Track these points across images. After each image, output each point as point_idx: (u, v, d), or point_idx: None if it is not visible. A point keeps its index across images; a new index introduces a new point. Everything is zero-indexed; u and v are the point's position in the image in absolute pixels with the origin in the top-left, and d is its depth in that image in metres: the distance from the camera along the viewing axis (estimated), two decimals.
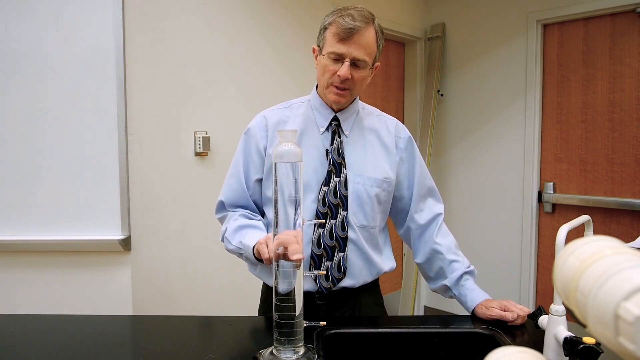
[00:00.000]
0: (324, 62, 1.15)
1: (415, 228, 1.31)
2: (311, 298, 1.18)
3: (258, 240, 1.03)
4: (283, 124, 1.23)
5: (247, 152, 1.24)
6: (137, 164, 1.89)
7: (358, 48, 1.11)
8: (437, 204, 1.33)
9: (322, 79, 1.18)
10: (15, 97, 1.78)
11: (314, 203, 1.18)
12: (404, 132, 1.30)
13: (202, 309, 2.04)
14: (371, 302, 1.29)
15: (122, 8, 1.80)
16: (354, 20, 1.10)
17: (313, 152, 1.20)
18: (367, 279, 1.24)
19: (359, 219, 1.20)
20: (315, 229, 1.17)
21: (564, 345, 0.84)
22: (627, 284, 0.34)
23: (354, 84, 1.15)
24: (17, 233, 1.81)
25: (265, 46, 2.30)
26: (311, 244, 1.17)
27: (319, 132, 1.21)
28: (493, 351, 0.47)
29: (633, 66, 2.54)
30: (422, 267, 1.34)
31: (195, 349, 1.02)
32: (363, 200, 1.20)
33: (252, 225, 1.17)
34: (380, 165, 1.23)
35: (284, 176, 0.91)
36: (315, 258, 1.17)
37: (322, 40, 1.17)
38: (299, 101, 1.28)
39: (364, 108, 1.29)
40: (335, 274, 1.18)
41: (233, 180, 1.25)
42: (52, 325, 1.18)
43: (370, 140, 1.25)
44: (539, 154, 2.92)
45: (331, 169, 1.18)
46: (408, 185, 1.29)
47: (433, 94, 3.23)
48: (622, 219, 2.61)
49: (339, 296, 1.21)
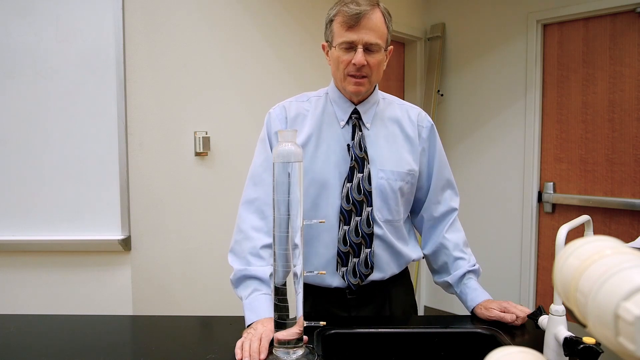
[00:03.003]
0: (336, 54, 1.12)
1: (428, 219, 1.30)
2: (342, 294, 1.18)
3: (248, 330, 1.03)
4: (302, 117, 1.20)
5: (270, 138, 1.19)
6: (137, 164, 1.89)
7: (368, 32, 1.08)
8: (454, 197, 1.32)
9: (338, 73, 1.15)
10: (15, 97, 1.78)
11: (337, 200, 1.15)
12: (427, 121, 1.26)
13: (202, 309, 2.04)
14: (401, 292, 1.28)
15: (122, 8, 1.80)
16: (359, 6, 1.07)
17: (334, 146, 1.17)
18: (395, 270, 1.23)
19: (384, 214, 1.18)
20: (341, 227, 1.15)
21: (564, 345, 0.84)
22: (627, 284, 0.34)
23: (371, 70, 1.12)
24: (17, 233, 1.81)
25: (266, 46, 2.30)
26: (337, 242, 1.16)
27: (340, 126, 1.19)
28: (493, 351, 0.47)
29: (633, 66, 2.54)
30: (427, 259, 1.34)
31: (195, 349, 1.02)
32: (387, 195, 1.18)
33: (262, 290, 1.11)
34: (404, 157, 1.20)
35: (284, 176, 0.91)
36: (342, 255, 1.16)
37: (330, 33, 1.14)
38: (317, 94, 1.24)
39: (384, 98, 1.26)
40: (362, 270, 1.17)
41: (267, 175, 1.17)
42: (52, 325, 1.18)
43: (392, 131, 1.21)
44: (539, 154, 2.92)
45: (354, 164, 1.15)
46: (427, 176, 1.27)
47: (433, 94, 3.23)
48: (622, 219, 2.61)
49: (369, 289, 1.20)
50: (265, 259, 1.13)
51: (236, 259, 1.14)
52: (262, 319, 1.04)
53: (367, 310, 1.22)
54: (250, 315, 1.07)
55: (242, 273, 1.11)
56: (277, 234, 0.92)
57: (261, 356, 0.93)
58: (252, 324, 1.04)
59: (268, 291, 1.10)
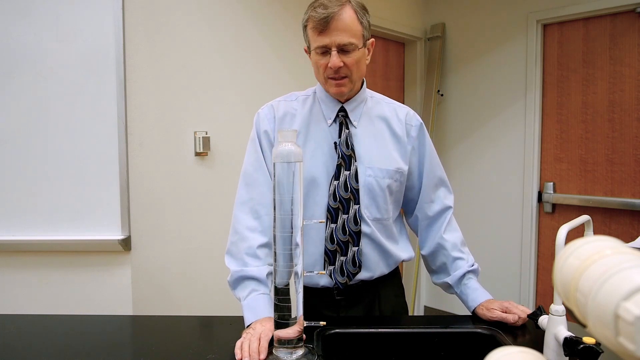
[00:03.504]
0: (314, 59, 1.14)
1: (423, 218, 1.30)
2: (330, 294, 1.18)
3: (247, 330, 1.03)
4: (291, 116, 1.20)
5: (259, 138, 1.20)
6: (137, 164, 1.89)
7: (340, 33, 1.08)
8: (448, 195, 1.31)
9: (319, 76, 1.16)
10: (15, 98, 1.78)
11: (324, 198, 1.16)
12: (416, 120, 1.26)
13: (202, 309, 2.04)
14: (391, 294, 1.27)
15: (122, 8, 1.80)
16: (326, 8, 1.07)
17: (321, 144, 1.17)
18: (384, 270, 1.22)
19: (372, 212, 1.18)
20: (328, 224, 1.15)
21: (564, 345, 0.84)
22: (627, 284, 0.34)
23: (349, 70, 1.12)
24: (17, 233, 1.81)
25: (266, 46, 2.30)
26: (324, 240, 1.16)
27: (327, 125, 1.19)
28: (493, 351, 0.47)
29: (633, 66, 2.54)
30: (425, 260, 1.34)
31: (195, 349, 1.02)
32: (375, 192, 1.17)
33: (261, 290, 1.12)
34: (392, 155, 1.20)
35: (284, 176, 0.91)
36: (329, 254, 1.16)
37: (307, 38, 1.16)
38: (305, 94, 1.25)
39: (372, 96, 1.26)
40: (350, 268, 1.16)
41: (259, 174, 1.18)
42: (52, 325, 1.18)
43: (380, 129, 1.22)
44: (539, 154, 2.92)
45: (340, 162, 1.16)
46: (418, 175, 1.27)
47: (433, 94, 3.23)
48: (622, 219, 2.61)
49: (357, 290, 1.20)
50: (262, 258, 1.13)
51: (233, 260, 1.15)
52: (261, 319, 1.04)
53: (356, 311, 1.22)
54: (249, 316, 1.07)
55: (239, 274, 1.12)
56: (278, 234, 0.92)
57: (261, 356, 0.93)
58: (251, 324, 1.04)
59: (266, 291, 1.10)
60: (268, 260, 1.14)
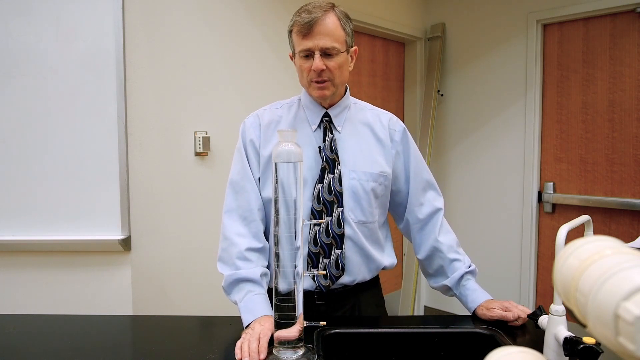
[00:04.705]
0: (298, 63, 1.17)
1: (415, 222, 1.31)
2: (310, 299, 1.18)
3: (246, 330, 1.03)
4: (275, 123, 1.23)
5: (245, 147, 1.22)
6: (137, 164, 1.89)
7: (323, 37, 1.11)
8: (437, 197, 1.32)
9: (302, 80, 1.19)
10: (15, 97, 1.78)
11: (309, 201, 1.17)
12: (399, 125, 1.28)
13: (202, 309, 2.04)
14: (372, 303, 1.29)
15: (122, 8, 1.80)
16: (310, 13, 1.11)
17: (306, 149, 1.19)
18: (365, 275, 1.23)
19: (356, 215, 1.19)
20: (312, 227, 1.17)
21: (564, 345, 0.84)
22: (627, 284, 0.34)
23: (332, 73, 1.14)
24: (17, 233, 1.81)
25: (265, 46, 2.30)
26: (308, 242, 1.17)
27: (311, 130, 1.21)
28: (493, 351, 0.47)
29: (633, 66, 2.54)
30: (422, 264, 1.34)
31: (195, 349, 1.02)
32: (359, 195, 1.19)
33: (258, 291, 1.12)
34: (375, 159, 1.22)
35: (284, 176, 0.91)
36: (313, 256, 1.17)
37: (291, 43, 1.20)
38: (290, 101, 1.28)
39: (355, 103, 1.29)
40: (333, 271, 1.18)
41: (245, 182, 1.20)
42: (52, 325, 1.18)
43: (364, 134, 1.24)
44: (539, 153, 2.92)
45: (324, 165, 1.18)
46: (405, 179, 1.29)
47: (433, 94, 3.23)
48: (622, 219, 2.61)
49: (338, 296, 1.21)
50: (253, 261, 1.14)
51: (225, 266, 1.16)
52: (259, 318, 1.05)
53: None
54: (247, 316, 1.07)
55: (233, 277, 1.13)
56: (281, 235, 0.92)
57: (261, 356, 0.93)
58: (250, 324, 1.04)
59: (261, 291, 1.11)
60: (260, 262, 1.15)
